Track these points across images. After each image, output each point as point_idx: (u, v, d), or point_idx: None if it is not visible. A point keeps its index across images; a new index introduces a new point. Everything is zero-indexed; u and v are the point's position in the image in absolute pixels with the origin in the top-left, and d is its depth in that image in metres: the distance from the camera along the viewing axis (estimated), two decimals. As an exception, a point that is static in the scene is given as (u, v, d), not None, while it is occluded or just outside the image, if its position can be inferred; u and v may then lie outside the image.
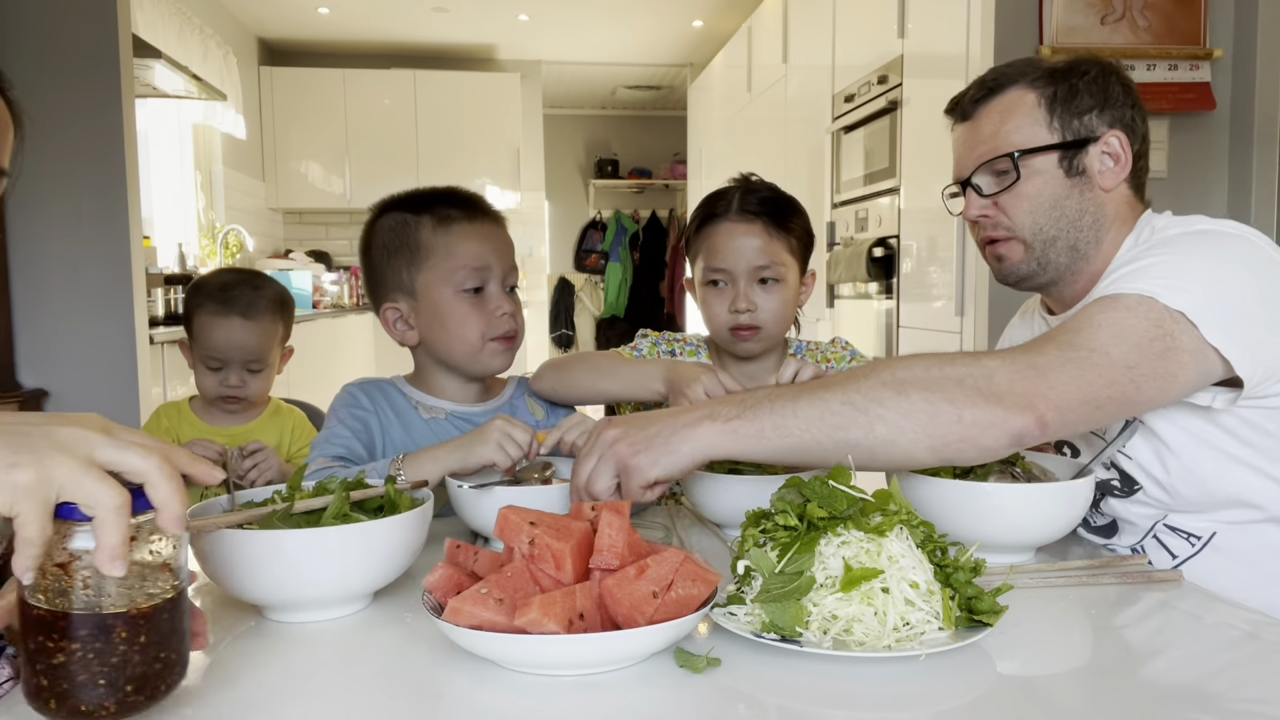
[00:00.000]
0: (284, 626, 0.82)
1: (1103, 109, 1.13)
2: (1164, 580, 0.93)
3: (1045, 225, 1.13)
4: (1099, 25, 2.57)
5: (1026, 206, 1.13)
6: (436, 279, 1.24)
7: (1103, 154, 1.13)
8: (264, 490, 0.92)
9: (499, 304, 1.25)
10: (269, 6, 5.67)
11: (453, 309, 1.24)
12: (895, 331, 3.17)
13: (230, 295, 1.71)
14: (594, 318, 8.34)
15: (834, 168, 3.70)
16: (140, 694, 0.61)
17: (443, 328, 1.26)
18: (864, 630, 0.72)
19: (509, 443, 1.07)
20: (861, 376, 0.90)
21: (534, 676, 0.69)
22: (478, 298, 1.25)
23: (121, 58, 2.53)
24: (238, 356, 1.70)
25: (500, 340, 1.26)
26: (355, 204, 6.33)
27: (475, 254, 1.24)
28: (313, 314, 4.69)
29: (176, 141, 4.81)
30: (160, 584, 0.61)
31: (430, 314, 1.26)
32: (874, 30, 3.28)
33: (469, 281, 1.24)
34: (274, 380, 1.81)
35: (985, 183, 1.16)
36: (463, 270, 1.24)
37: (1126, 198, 1.15)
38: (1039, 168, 1.13)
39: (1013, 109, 1.14)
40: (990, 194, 1.16)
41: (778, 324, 1.43)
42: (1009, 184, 1.13)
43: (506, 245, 1.29)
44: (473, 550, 0.79)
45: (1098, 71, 1.14)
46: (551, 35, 6.33)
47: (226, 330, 1.69)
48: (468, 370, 1.30)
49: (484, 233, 1.26)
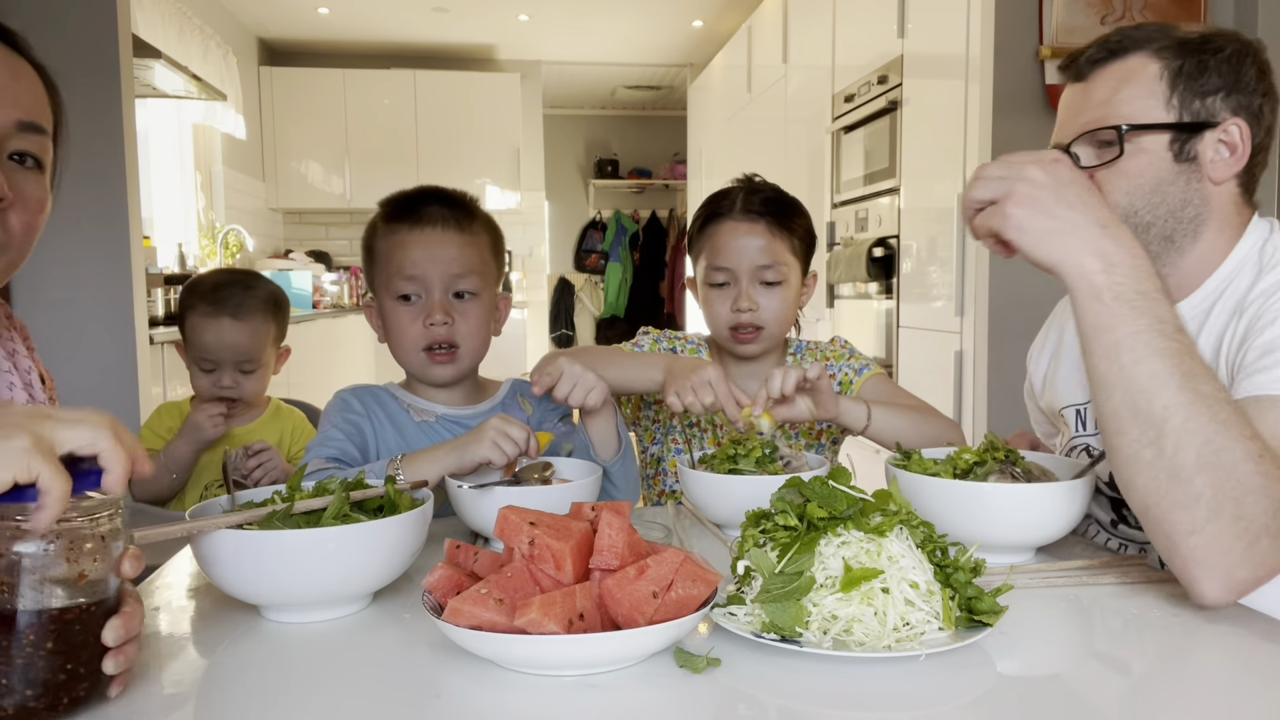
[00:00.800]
0: (283, 627, 0.82)
1: (1230, 92, 1.02)
2: (1164, 580, 0.92)
3: (1142, 209, 1.03)
4: (1099, 25, 2.57)
5: (1125, 186, 1.03)
6: (381, 284, 1.26)
7: (1219, 142, 1.02)
8: (264, 490, 0.92)
9: (431, 314, 1.22)
10: (269, 6, 5.67)
11: (393, 316, 1.25)
12: (895, 332, 3.17)
13: (221, 295, 1.70)
14: (594, 318, 8.34)
15: (834, 168, 3.70)
16: (40, 701, 0.60)
17: (390, 336, 1.27)
18: (864, 630, 0.72)
19: (505, 440, 1.07)
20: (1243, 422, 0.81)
21: (534, 676, 0.69)
22: (413, 306, 1.23)
23: (121, 58, 2.53)
24: (229, 357, 1.70)
25: (428, 352, 1.23)
26: (355, 204, 6.34)
27: (411, 261, 1.22)
28: (313, 314, 4.69)
29: (176, 141, 4.81)
30: (77, 593, 0.61)
31: (383, 316, 1.28)
32: (874, 30, 3.28)
33: (402, 288, 1.23)
34: (269, 381, 1.80)
35: (1085, 153, 1.06)
36: (396, 277, 1.23)
37: (1234, 195, 1.05)
38: (1146, 146, 1.02)
39: (1131, 77, 1.04)
40: (1088, 166, 1.05)
41: (779, 324, 1.43)
42: (1110, 159, 1.03)
43: (457, 248, 1.22)
44: (472, 550, 0.79)
45: (1234, 50, 1.03)
46: (551, 35, 6.32)
47: (216, 331, 1.68)
48: (417, 378, 1.30)
49: (427, 240, 1.22)
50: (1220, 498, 0.80)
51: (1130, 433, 0.83)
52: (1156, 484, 0.82)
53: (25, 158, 0.86)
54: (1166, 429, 0.81)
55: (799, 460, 1.18)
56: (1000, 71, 2.56)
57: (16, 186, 0.85)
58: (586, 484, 1.07)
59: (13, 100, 0.85)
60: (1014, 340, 2.63)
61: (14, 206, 0.85)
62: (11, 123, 0.84)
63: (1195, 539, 0.80)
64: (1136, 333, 0.82)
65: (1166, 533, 0.82)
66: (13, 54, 0.87)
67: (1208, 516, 0.80)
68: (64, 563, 0.60)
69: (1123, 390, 0.83)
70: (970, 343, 2.67)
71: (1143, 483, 0.83)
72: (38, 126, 0.87)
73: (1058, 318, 1.31)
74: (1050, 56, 2.54)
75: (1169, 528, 0.82)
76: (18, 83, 0.86)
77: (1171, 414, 0.81)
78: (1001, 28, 2.55)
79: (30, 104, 0.86)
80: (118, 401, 2.57)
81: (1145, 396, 0.82)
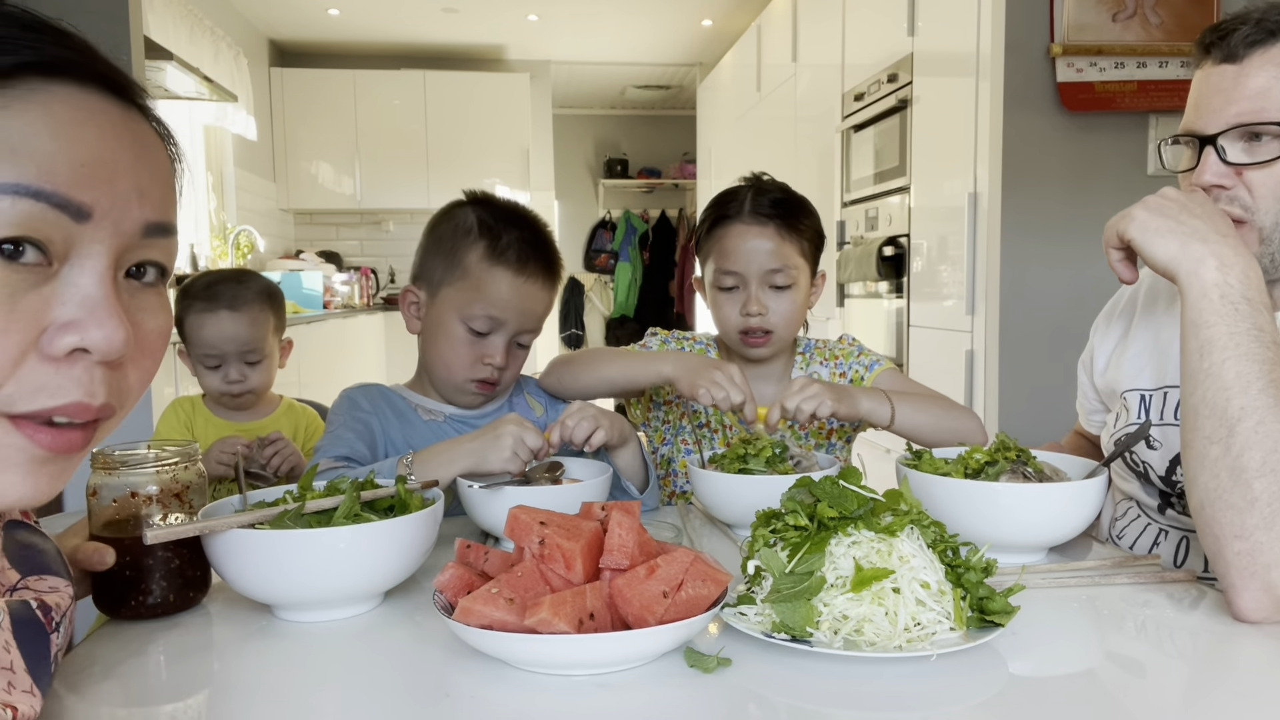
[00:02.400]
0: (295, 626, 0.83)
1: None
2: (1177, 581, 0.92)
3: None
4: (1110, 23, 2.55)
5: (1279, 191, 0.95)
6: (455, 299, 1.24)
7: None
8: (275, 490, 0.92)
9: (493, 354, 1.24)
10: (279, 8, 5.69)
11: (452, 333, 1.24)
12: (906, 331, 3.16)
13: (215, 291, 1.73)
14: (604, 317, 8.34)
15: (844, 167, 3.69)
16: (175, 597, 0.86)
17: (435, 342, 1.26)
18: (875, 630, 0.72)
19: (523, 449, 1.06)
20: None
21: (544, 676, 0.69)
22: (478, 338, 1.24)
23: (134, 60, 2.55)
24: (231, 348, 1.71)
25: (477, 384, 1.26)
26: (365, 204, 6.36)
27: (501, 301, 1.23)
28: (323, 314, 4.70)
29: (188, 143, 4.84)
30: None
31: (435, 322, 1.27)
32: (884, 28, 3.28)
33: (477, 324, 1.23)
34: (275, 372, 1.81)
35: (1235, 148, 0.96)
36: (480, 308, 1.23)
37: None
38: None
39: None
40: (1237, 163, 0.96)
41: (788, 327, 1.42)
42: (1267, 160, 0.94)
43: (540, 303, 1.27)
44: (483, 550, 0.79)
45: None
46: (561, 35, 6.33)
47: (215, 324, 1.70)
48: (439, 390, 1.31)
49: (524, 287, 1.24)
50: (1276, 506, 0.79)
51: (1204, 428, 0.84)
52: (1217, 482, 0.82)
53: (147, 269, 0.57)
54: (1238, 429, 0.82)
55: (809, 460, 1.18)
56: (1011, 69, 2.55)
57: (138, 322, 0.56)
58: (596, 484, 1.07)
59: (138, 194, 0.54)
60: (1025, 339, 2.62)
61: (134, 355, 0.56)
62: (138, 229, 0.55)
63: (1241, 544, 0.80)
64: (1234, 334, 0.84)
65: (1216, 534, 0.82)
66: (133, 116, 0.55)
67: (1259, 524, 0.79)
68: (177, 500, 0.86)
69: (1206, 385, 0.84)
70: (981, 342, 2.66)
71: (1205, 480, 0.83)
72: (168, 227, 0.58)
73: (1130, 292, 1.26)
74: (1061, 54, 2.53)
75: (1219, 529, 0.82)
76: (144, 165, 0.55)
77: (1247, 415, 0.82)
78: (1012, 25, 2.54)
79: (157, 194, 0.57)
80: (130, 401, 2.58)
81: (1225, 394, 0.83)
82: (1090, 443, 1.37)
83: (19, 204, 0.48)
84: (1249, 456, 0.80)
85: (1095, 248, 2.73)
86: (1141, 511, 1.18)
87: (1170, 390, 1.12)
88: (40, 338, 0.50)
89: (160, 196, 0.57)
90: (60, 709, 0.67)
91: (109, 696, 0.69)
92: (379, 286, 6.47)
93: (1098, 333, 1.29)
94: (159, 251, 0.58)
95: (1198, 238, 0.87)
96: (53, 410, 0.51)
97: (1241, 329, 0.84)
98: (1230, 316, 0.84)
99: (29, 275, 0.49)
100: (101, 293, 0.51)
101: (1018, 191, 2.58)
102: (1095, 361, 1.28)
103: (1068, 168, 2.60)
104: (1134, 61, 2.54)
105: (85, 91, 0.52)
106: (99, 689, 0.70)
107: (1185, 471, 0.86)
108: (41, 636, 0.60)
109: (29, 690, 0.56)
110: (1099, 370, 1.26)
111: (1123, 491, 1.22)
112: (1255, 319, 0.84)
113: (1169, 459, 1.11)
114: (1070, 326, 1.92)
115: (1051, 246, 2.62)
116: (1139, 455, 1.14)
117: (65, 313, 0.50)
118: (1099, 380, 1.27)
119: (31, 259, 0.49)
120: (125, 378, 0.55)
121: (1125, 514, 1.20)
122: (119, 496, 0.84)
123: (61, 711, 0.66)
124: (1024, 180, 2.58)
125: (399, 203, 6.37)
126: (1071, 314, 2.23)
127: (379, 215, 6.66)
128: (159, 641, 0.80)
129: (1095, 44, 2.54)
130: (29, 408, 0.50)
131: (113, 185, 0.52)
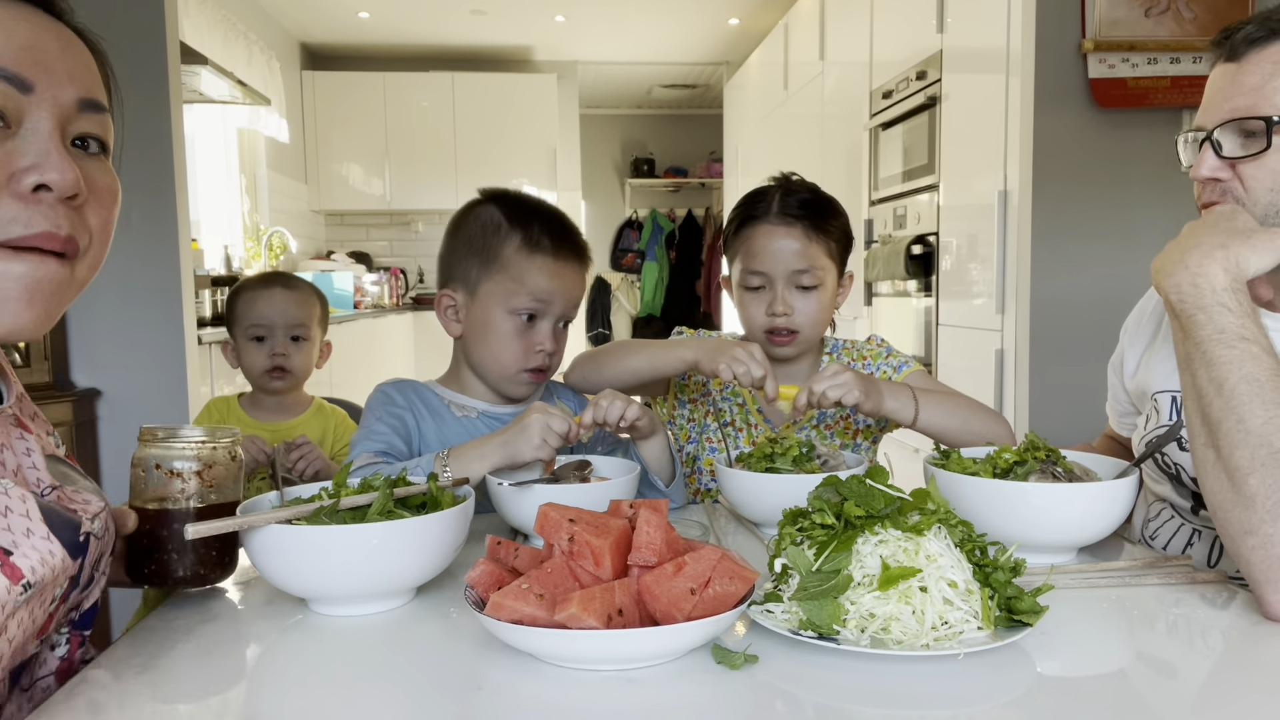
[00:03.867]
0: (330, 620, 0.84)
1: None
2: (1208, 582, 0.91)
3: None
4: (1143, 18, 2.52)
5: (1270, 183, 0.96)
6: (498, 293, 1.25)
7: None
8: (311, 487, 0.94)
9: (543, 340, 1.26)
10: (311, 12, 5.76)
11: (499, 327, 1.26)
12: (935, 330, 3.14)
13: (269, 276, 1.90)
14: (630, 317, 8.35)
15: (872, 165, 3.67)
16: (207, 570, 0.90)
17: (483, 339, 1.27)
18: (902, 629, 0.72)
19: (551, 435, 1.08)
20: None
21: (574, 671, 0.70)
22: (527, 325, 1.26)
23: (170, 65, 2.60)
24: (280, 321, 1.80)
25: (531, 372, 1.28)
26: (395, 205, 6.42)
27: (544, 288, 1.25)
28: (354, 314, 4.75)
29: (222, 146, 4.92)
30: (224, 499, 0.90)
31: (479, 320, 1.27)
32: (912, 25, 3.25)
33: (525, 310, 1.25)
34: (313, 362, 1.86)
35: (1229, 142, 0.98)
36: (525, 297, 1.24)
37: None
38: None
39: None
40: (1231, 157, 0.98)
41: (815, 328, 1.42)
42: (1256, 151, 0.96)
43: (578, 286, 1.30)
44: (513, 547, 0.80)
45: None
46: (587, 36, 6.35)
47: (268, 298, 1.81)
48: (492, 385, 1.32)
49: (562, 271, 1.26)
50: (1276, 498, 0.80)
51: (1199, 436, 0.88)
52: (1219, 484, 0.85)
53: (89, 141, 0.73)
54: (1220, 430, 0.85)
55: (836, 459, 1.18)
56: (1042, 65, 2.52)
57: (89, 177, 0.72)
58: (624, 481, 1.08)
59: (67, 75, 0.70)
60: (1055, 338, 2.59)
61: (89, 201, 0.72)
62: (72, 101, 0.70)
63: (1253, 539, 0.81)
64: (1199, 342, 0.88)
65: (1230, 534, 0.83)
66: (56, 22, 0.72)
67: (1264, 518, 0.80)
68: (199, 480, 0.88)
69: (1189, 396, 0.89)
70: (1011, 341, 2.64)
71: (1209, 485, 0.86)
72: (99, 104, 0.73)
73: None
74: (1093, 50, 2.50)
75: (1231, 528, 0.83)
76: (70, 55, 0.72)
77: (1225, 416, 0.84)
78: (1043, 21, 2.51)
79: (85, 78, 0.73)
80: (167, 401, 2.63)
81: (1203, 400, 0.87)
82: (1121, 445, 1.36)
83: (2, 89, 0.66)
84: (1238, 456, 0.83)
85: (1127, 246, 2.70)
86: (1175, 513, 1.17)
87: None
88: (9, 181, 0.66)
89: (88, 80, 0.73)
90: (98, 701, 0.69)
91: (147, 689, 0.71)
92: (408, 286, 6.54)
93: (1128, 334, 1.28)
94: (95, 125, 0.74)
95: (1183, 260, 0.90)
96: (27, 238, 0.67)
97: (1204, 335, 0.88)
98: (1190, 327, 0.89)
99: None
100: (52, 144, 0.68)
101: (1048, 189, 2.56)
102: (1126, 364, 1.27)
103: (1099, 165, 2.57)
104: (1167, 57, 2.51)
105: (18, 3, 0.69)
106: (137, 682, 0.72)
107: (1199, 481, 0.89)
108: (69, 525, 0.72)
109: (46, 537, 0.68)
110: (1129, 372, 1.25)
111: (1155, 493, 1.21)
112: (1215, 323, 0.87)
113: None
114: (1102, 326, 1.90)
115: (1083, 245, 2.59)
116: (1170, 457, 1.13)
117: (26, 160, 0.67)
118: (1129, 383, 1.26)
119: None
120: (85, 219, 0.72)
121: (1158, 515, 1.19)
122: (157, 468, 0.87)
123: (100, 704, 0.68)
124: (1055, 178, 2.55)
125: (428, 203, 6.43)
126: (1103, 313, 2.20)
127: (408, 216, 6.73)
128: (196, 635, 0.82)
129: (1128, 39, 2.51)
130: (6, 236, 0.66)
131: (47, 67, 0.69)
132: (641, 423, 1.18)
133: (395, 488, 0.88)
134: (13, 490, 0.69)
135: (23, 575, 0.65)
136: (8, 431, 0.76)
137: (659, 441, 1.25)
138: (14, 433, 0.77)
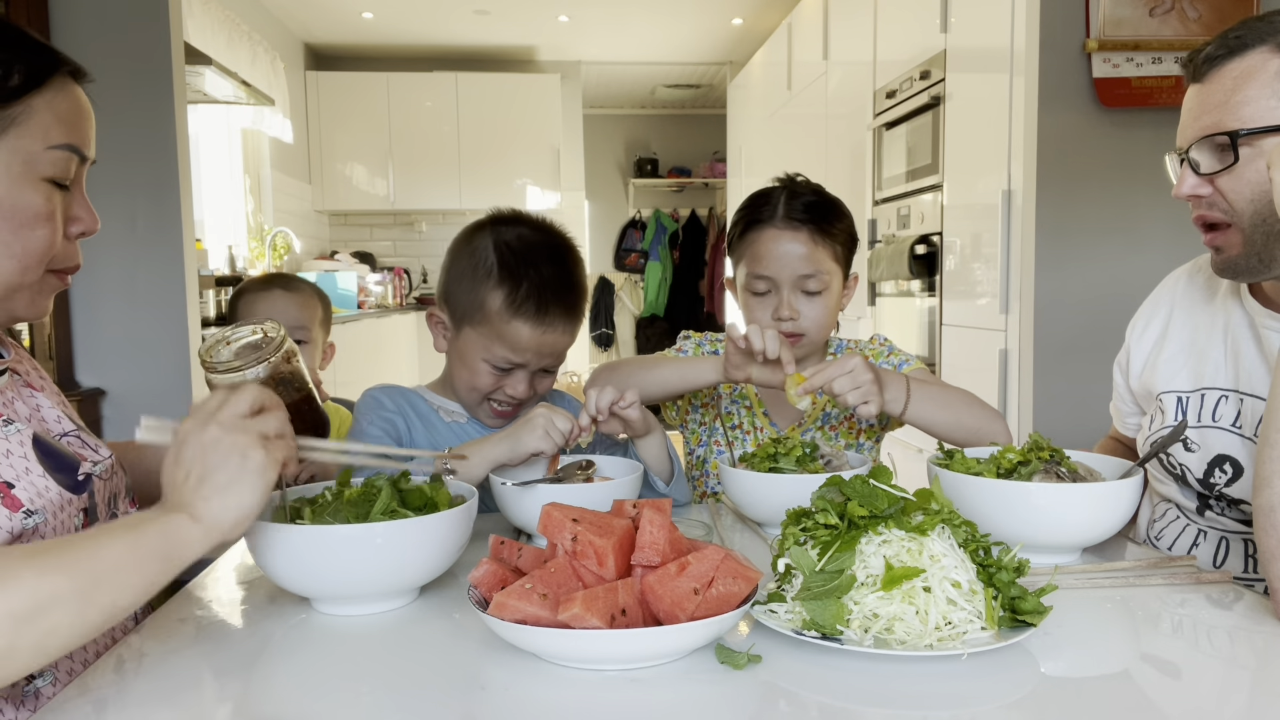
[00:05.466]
0: (333, 619, 0.84)
1: None
2: (1213, 582, 0.91)
3: (1270, 216, 0.96)
4: (1148, 17, 2.51)
5: (1248, 193, 0.97)
6: (476, 339, 1.23)
7: None
8: (314, 486, 0.94)
9: (515, 388, 1.24)
10: (314, 12, 5.77)
11: (475, 367, 1.24)
12: (939, 330, 3.13)
13: (271, 278, 1.89)
14: (634, 317, 8.35)
15: (875, 165, 3.66)
16: None
17: (459, 369, 1.26)
18: (905, 629, 0.72)
19: (554, 430, 1.10)
20: None
21: (577, 670, 0.70)
22: (501, 373, 1.24)
23: (174, 65, 2.60)
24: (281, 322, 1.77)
25: (496, 407, 1.27)
26: (398, 205, 6.42)
27: (522, 347, 1.21)
28: (357, 314, 4.76)
29: (226, 146, 4.92)
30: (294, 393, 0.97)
31: (459, 351, 1.26)
32: (916, 25, 3.25)
33: (499, 362, 1.23)
34: (316, 363, 1.86)
35: (1203, 159, 1.00)
36: (502, 352, 1.22)
37: None
38: (1266, 150, 0.95)
39: (1250, 76, 0.96)
40: (1207, 173, 1.00)
41: (820, 331, 1.42)
42: (1227, 165, 0.98)
43: (560, 346, 1.26)
44: (517, 546, 0.80)
45: None
46: (591, 36, 6.35)
47: (269, 299, 1.80)
48: (472, 408, 1.30)
49: (542, 337, 1.22)
50: None
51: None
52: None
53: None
54: None
55: (840, 459, 1.18)
56: (1046, 65, 2.51)
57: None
58: (628, 481, 1.08)
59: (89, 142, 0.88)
60: (1060, 338, 2.59)
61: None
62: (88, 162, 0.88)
63: None
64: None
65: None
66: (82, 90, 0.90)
67: None
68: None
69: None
70: (1015, 341, 2.64)
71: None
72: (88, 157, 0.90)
73: (1166, 293, 1.25)
74: (1097, 49, 2.50)
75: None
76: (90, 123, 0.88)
77: None
78: (1047, 20, 2.51)
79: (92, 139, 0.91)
80: (171, 401, 2.64)
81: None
82: (1126, 447, 1.36)
83: (72, 158, 0.85)
84: None
85: (1132, 245, 2.69)
86: (1180, 513, 1.16)
87: (1208, 392, 1.11)
88: (65, 228, 0.86)
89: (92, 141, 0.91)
90: (103, 699, 0.69)
91: (151, 688, 0.71)
92: (411, 286, 6.54)
93: (1134, 334, 1.28)
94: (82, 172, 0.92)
95: None
96: (69, 269, 0.89)
97: None
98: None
99: (64, 197, 0.86)
100: (86, 201, 0.89)
101: (1053, 189, 2.55)
102: (1131, 363, 1.26)
103: (1104, 164, 2.57)
104: (1172, 56, 2.50)
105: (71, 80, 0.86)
106: (142, 679, 0.72)
107: (1259, 471, 0.85)
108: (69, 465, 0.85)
109: (42, 475, 0.81)
110: (1135, 372, 1.25)
111: (1160, 494, 1.21)
112: None
113: (1207, 461, 1.09)
114: (1107, 325, 1.89)
115: (1087, 244, 2.58)
116: (1176, 458, 1.13)
117: (76, 213, 0.88)
118: (1135, 382, 1.25)
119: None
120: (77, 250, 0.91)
121: (1163, 515, 1.19)
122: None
123: (105, 701, 0.69)
124: (1059, 177, 2.55)
125: (431, 203, 6.43)
126: (1108, 313, 2.19)
127: (412, 216, 6.73)
128: (201, 633, 0.82)
129: (1132, 39, 2.50)
130: (59, 266, 0.87)
131: (88, 139, 0.88)
132: (634, 415, 1.18)
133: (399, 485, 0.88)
134: (13, 436, 0.83)
135: (22, 505, 0.79)
136: (17, 391, 0.91)
137: (656, 440, 1.25)
138: (24, 393, 0.92)
